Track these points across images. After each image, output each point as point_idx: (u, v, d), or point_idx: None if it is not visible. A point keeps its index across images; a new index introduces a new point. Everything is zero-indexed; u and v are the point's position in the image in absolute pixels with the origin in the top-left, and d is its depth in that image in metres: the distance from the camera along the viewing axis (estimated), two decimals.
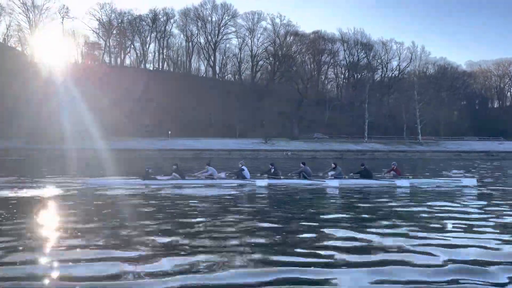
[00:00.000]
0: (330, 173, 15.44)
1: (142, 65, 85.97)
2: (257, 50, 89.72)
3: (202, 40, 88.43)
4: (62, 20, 79.43)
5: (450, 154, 53.83)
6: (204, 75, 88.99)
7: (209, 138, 58.60)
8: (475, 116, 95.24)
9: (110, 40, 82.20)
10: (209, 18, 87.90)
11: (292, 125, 61.01)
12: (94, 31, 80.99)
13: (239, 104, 65.46)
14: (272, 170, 15.55)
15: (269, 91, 66.46)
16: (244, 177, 14.89)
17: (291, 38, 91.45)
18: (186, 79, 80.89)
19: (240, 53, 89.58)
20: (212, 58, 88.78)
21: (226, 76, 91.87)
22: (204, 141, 52.03)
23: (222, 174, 15.35)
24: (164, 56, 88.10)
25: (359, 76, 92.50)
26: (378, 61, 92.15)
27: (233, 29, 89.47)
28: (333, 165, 15.74)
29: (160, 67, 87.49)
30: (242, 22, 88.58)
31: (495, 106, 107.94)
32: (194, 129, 67.83)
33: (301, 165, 15.84)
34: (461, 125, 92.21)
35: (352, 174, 15.81)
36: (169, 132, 56.03)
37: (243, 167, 15.32)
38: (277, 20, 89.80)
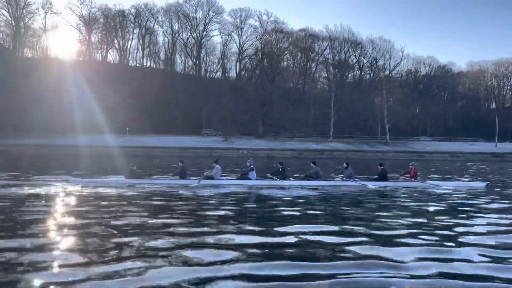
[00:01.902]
0: (340, 175, 15.16)
1: (124, 61, 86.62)
2: (242, 47, 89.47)
3: (186, 37, 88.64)
4: (45, 15, 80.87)
5: (412, 155, 52.71)
6: (187, 72, 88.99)
7: (178, 136, 58.99)
8: (466, 117, 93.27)
9: (92, 36, 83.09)
10: (194, 15, 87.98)
11: (258, 123, 60.64)
12: (73, 27, 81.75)
13: (210, 102, 65.40)
14: (280, 169, 14.96)
15: (240, 89, 66.20)
16: (249, 178, 14.26)
17: (277, 35, 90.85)
18: (167, 76, 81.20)
19: (225, 50, 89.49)
20: (195, 55, 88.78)
21: (209, 74, 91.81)
22: (160, 139, 52.23)
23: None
24: (147, 53, 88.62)
25: (347, 75, 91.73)
26: (366, 59, 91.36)
27: (219, 26, 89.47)
28: (345, 165, 15.22)
29: (143, 63, 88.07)
30: (229, 19, 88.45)
31: (493, 107, 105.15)
32: (166, 126, 68.34)
33: (312, 165, 15.33)
34: (450, 126, 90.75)
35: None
36: (127, 129, 56.43)
37: (252, 166, 14.55)
38: (264, 17, 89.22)
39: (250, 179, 14.24)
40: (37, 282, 4.28)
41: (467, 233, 7.02)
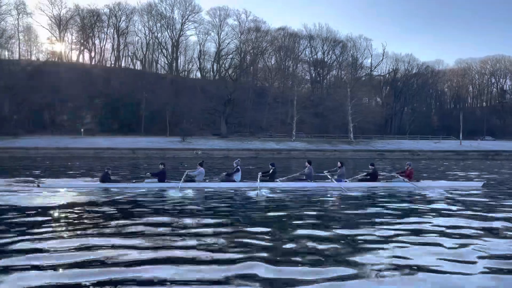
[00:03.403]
0: (333, 174, 14.50)
1: (98, 61, 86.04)
2: (220, 47, 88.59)
3: (162, 36, 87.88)
4: (18, 16, 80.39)
5: (373, 153, 51.76)
6: (161, 72, 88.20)
7: (143, 137, 58.34)
8: (449, 115, 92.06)
9: (66, 36, 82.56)
10: (170, 14, 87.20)
11: (220, 123, 59.76)
12: (44, 27, 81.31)
13: (180, 101, 64.73)
14: (271, 170, 14.29)
15: (203, 88, 65.42)
16: (233, 180, 13.68)
17: (255, 34, 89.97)
18: (140, 76, 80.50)
19: (203, 49, 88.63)
20: (171, 54, 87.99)
21: (186, 74, 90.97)
22: (114, 140, 51.49)
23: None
24: (123, 53, 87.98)
25: (325, 74, 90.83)
26: (344, 58, 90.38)
27: (196, 25, 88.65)
28: (339, 165, 14.66)
29: (117, 64, 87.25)
30: (208, 18, 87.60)
31: (481, 105, 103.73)
32: (136, 127, 67.70)
33: (307, 164, 14.59)
34: (433, 124, 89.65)
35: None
36: (82, 130, 55.73)
37: (238, 167, 13.99)
38: (243, 16, 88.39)
39: (234, 181, 13.61)
40: None
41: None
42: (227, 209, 9.39)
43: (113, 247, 5.70)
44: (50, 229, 6.87)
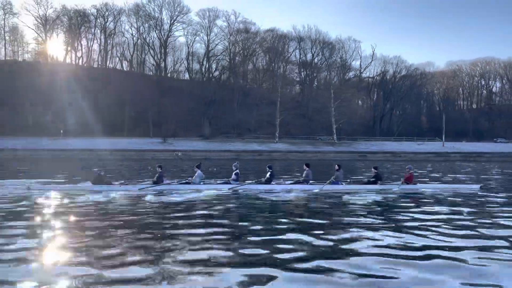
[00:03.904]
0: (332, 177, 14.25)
1: (85, 62, 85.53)
2: (209, 47, 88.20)
3: (150, 37, 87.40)
4: (5, 16, 79.88)
5: (355, 155, 51.57)
6: (149, 73, 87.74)
7: (125, 138, 57.90)
8: (439, 117, 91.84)
9: (51, 36, 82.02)
10: (158, 15, 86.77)
11: (203, 124, 59.39)
12: (30, 28, 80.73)
13: (167, 102, 64.31)
14: (268, 173, 14.03)
15: (186, 89, 65.06)
16: (230, 182, 13.57)
17: (244, 35, 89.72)
18: (126, 77, 79.96)
19: (191, 50, 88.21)
20: (159, 55, 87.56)
21: (175, 75, 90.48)
22: (93, 141, 50.97)
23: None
24: (110, 54, 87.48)
25: (314, 76, 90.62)
26: (334, 59, 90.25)
27: (185, 26, 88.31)
28: (336, 167, 14.38)
29: (104, 64, 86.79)
30: (197, 19, 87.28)
31: (470, 107, 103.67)
32: (121, 128, 67.22)
33: (305, 167, 14.35)
34: (423, 126, 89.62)
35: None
36: (61, 131, 55.18)
37: (237, 170, 13.86)
38: (232, 18, 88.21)
39: (230, 183, 13.46)
40: None
41: None
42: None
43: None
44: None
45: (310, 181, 14.01)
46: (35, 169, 24.74)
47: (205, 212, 9.12)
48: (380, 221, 8.17)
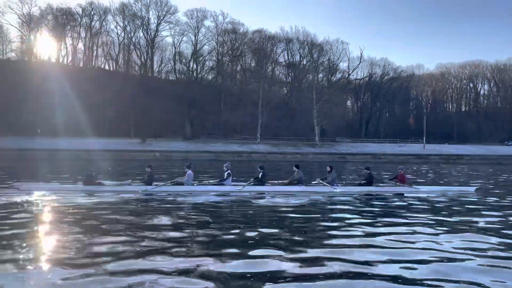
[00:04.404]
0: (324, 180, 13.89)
1: (71, 62, 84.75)
2: (197, 48, 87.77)
3: (137, 37, 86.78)
4: None
5: (334, 156, 51.39)
6: (133, 73, 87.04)
7: (105, 138, 57.24)
8: (422, 118, 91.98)
9: (35, 35, 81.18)
10: (145, 15, 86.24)
11: (185, 124, 58.95)
12: (14, 26, 79.91)
13: (143, 102, 63.71)
14: (261, 174, 13.79)
15: (167, 89, 64.61)
16: (223, 184, 13.19)
17: (232, 36, 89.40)
18: (113, 77, 79.27)
19: (178, 50, 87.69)
20: (146, 55, 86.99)
21: (163, 75, 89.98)
22: (71, 141, 50.41)
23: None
24: (96, 53, 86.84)
25: (302, 78, 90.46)
26: (321, 61, 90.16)
27: (172, 25, 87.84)
28: (328, 169, 14.06)
29: (90, 64, 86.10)
30: (185, 19, 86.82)
31: (459, 110, 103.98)
32: (99, 128, 66.46)
33: (295, 168, 13.97)
34: (411, 128, 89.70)
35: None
36: (39, 131, 54.52)
37: (229, 171, 13.50)
38: (220, 18, 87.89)
39: (224, 185, 13.17)
40: None
41: None
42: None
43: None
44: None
45: (303, 182, 13.71)
46: (10, 169, 24.32)
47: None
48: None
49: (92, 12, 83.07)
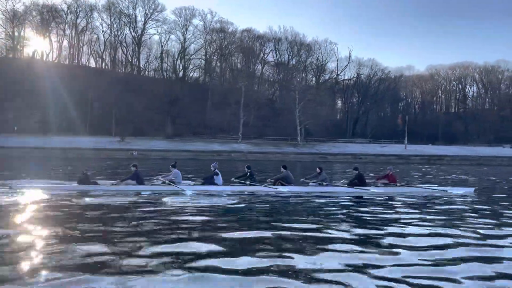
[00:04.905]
0: (313, 180, 13.70)
1: (56, 59, 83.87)
2: (184, 46, 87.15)
3: (123, 35, 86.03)
4: None
5: (315, 156, 51.05)
6: (118, 70, 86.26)
7: (85, 136, 56.54)
8: (411, 119, 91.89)
9: (19, 32, 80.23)
10: (132, 12, 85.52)
11: (166, 123, 58.36)
12: None
13: (126, 100, 63.05)
14: (248, 173, 13.64)
15: (148, 87, 64.00)
16: (215, 183, 12.78)
17: (221, 34, 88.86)
18: (98, 75, 78.42)
19: (165, 49, 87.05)
20: (132, 53, 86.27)
21: (151, 73, 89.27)
22: (47, 139, 49.68)
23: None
24: (81, 50, 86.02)
25: (289, 78, 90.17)
26: (310, 61, 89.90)
27: (159, 24, 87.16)
28: (318, 170, 13.87)
29: (76, 61, 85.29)
30: (173, 18, 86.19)
31: (448, 111, 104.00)
32: (82, 126, 65.72)
33: (282, 169, 13.64)
34: (398, 129, 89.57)
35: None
36: (15, 128, 53.74)
37: (217, 170, 13.06)
38: (209, 17, 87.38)
39: (216, 184, 12.81)
40: None
41: None
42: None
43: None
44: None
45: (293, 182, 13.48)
46: None
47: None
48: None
49: (78, 9, 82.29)
